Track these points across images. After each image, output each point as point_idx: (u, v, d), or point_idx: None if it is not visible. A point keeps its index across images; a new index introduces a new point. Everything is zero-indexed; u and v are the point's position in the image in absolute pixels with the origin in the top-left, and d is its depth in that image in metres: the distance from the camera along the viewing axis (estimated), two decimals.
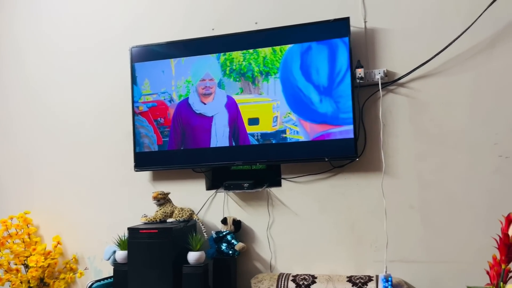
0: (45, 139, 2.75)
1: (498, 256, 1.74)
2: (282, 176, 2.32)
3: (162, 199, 2.29)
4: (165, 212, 2.27)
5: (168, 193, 2.32)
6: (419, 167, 2.11)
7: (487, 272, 1.78)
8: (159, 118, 2.45)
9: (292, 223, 2.29)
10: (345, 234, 2.21)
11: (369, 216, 2.17)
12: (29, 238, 2.59)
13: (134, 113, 2.48)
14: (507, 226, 1.72)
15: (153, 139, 2.45)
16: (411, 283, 2.08)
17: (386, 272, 2.06)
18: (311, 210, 2.26)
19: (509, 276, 1.71)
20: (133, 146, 2.47)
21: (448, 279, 2.03)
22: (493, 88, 2.03)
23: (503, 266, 1.72)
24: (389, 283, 1.96)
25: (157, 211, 2.28)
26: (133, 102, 2.49)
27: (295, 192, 2.30)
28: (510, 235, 1.70)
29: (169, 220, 2.26)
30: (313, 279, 2.12)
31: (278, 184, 2.34)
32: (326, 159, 2.17)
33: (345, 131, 2.14)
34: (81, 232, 2.63)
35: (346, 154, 2.14)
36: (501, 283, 1.69)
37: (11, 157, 2.82)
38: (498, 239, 1.73)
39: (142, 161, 2.46)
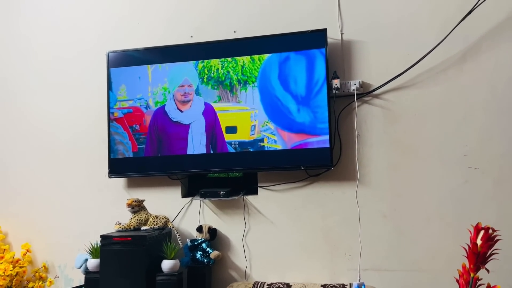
0: (17, 144, 2.68)
1: (467, 265, 1.79)
2: (259, 184, 2.33)
3: (137, 207, 2.26)
4: (139, 220, 2.23)
5: (143, 201, 2.29)
6: (392, 177, 2.16)
7: (457, 280, 1.83)
8: (134, 125, 2.42)
9: (268, 232, 2.29)
10: (320, 242, 2.22)
11: (344, 225, 2.20)
12: None
13: (109, 119, 2.44)
14: (476, 236, 1.77)
15: (128, 146, 2.42)
16: None
17: (359, 280, 2.09)
18: (287, 218, 2.28)
19: (477, 284, 1.76)
20: (108, 152, 2.43)
21: (419, 287, 2.07)
22: (463, 101, 2.10)
23: (471, 275, 1.77)
24: None
25: (131, 219, 2.24)
26: (108, 108, 2.45)
27: (271, 201, 2.30)
28: (478, 244, 1.75)
29: (144, 227, 2.22)
30: (288, 287, 2.12)
31: (255, 192, 2.34)
32: (302, 168, 2.19)
33: (322, 140, 2.16)
34: (51, 239, 2.56)
35: (321, 163, 2.17)
36: None
37: None
38: (467, 248, 1.78)
39: (117, 167, 2.43)
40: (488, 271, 1.75)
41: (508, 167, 2.02)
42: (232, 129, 2.31)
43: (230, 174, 2.48)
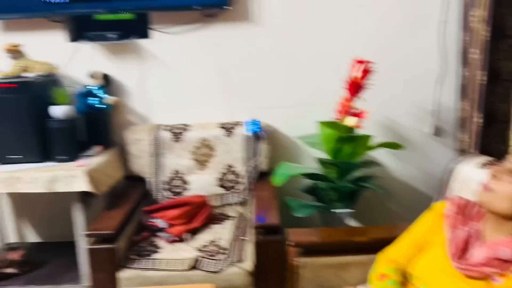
0: None
1: (347, 96, 1.99)
2: (152, 27, 2.21)
3: (16, 52, 2.05)
4: (22, 66, 2.05)
5: (19, 45, 2.06)
6: (286, 15, 2.18)
7: (337, 111, 2.05)
8: None
9: (165, 76, 2.27)
10: (217, 84, 2.28)
11: (239, 66, 2.24)
12: None
13: None
14: (356, 68, 1.94)
15: None
16: (275, 126, 2.30)
17: (253, 117, 2.24)
18: (184, 61, 2.25)
19: (351, 112, 1.99)
20: None
21: (306, 120, 2.26)
22: None
23: (349, 104, 1.98)
24: (257, 125, 2.15)
25: (14, 66, 2.05)
26: None
27: (167, 44, 2.23)
28: (356, 76, 1.93)
29: (28, 75, 2.06)
30: (187, 127, 2.21)
31: (148, 36, 2.23)
32: (195, 7, 2.09)
33: None
34: None
35: (216, 2, 2.08)
36: (344, 116, 1.97)
37: None
38: (348, 80, 1.96)
39: None
40: (362, 99, 1.98)
41: (391, 3, 2.13)
42: None
43: (119, 16, 2.29)
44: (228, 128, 2.20)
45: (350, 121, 1.87)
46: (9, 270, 2.08)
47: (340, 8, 2.15)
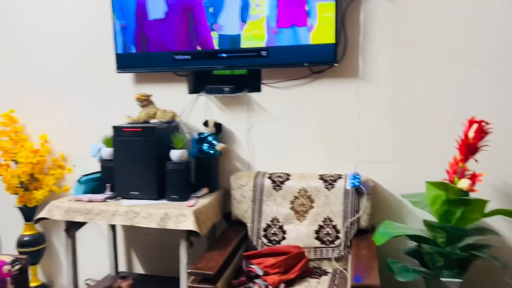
0: (25, 39, 2.71)
1: (458, 157, 1.90)
2: (262, 82, 2.37)
3: (145, 101, 2.34)
4: (148, 113, 2.33)
5: (150, 95, 2.36)
6: (395, 74, 2.18)
7: (446, 171, 1.95)
8: None
9: (271, 127, 2.39)
10: (320, 137, 2.33)
11: (344, 121, 2.28)
12: (16, 136, 2.66)
13: (113, 11, 2.42)
14: (469, 128, 1.85)
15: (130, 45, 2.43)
16: (377, 181, 2.26)
17: (355, 171, 2.23)
18: (289, 114, 2.36)
19: (465, 175, 1.88)
20: (114, 46, 2.45)
21: (411, 177, 2.20)
22: None
23: (460, 165, 1.88)
24: (357, 179, 2.13)
25: (140, 112, 2.34)
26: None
27: (274, 97, 2.36)
28: (470, 137, 1.84)
29: (152, 121, 2.33)
30: (288, 176, 2.28)
31: (258, 90, 2.39)
32: (306, 64, 2.21)
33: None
34: (66, 131, 2.71)
35: (325, 59, 2.18)
36: (456, 178, 1.86)
37: None
38: (460, 140, 1.88)
39: (124, 62, 2.47)
40: (476, 161, 1.86)
41: (508, 61, 2.02)
42: None
43: (234, 71, 2.51)
44: (328, 180, 2.21)
45: (463, 183, 1.77)
46: None
47: (453, 66, 2.10)
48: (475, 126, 1.82)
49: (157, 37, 2.38)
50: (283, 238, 2.21)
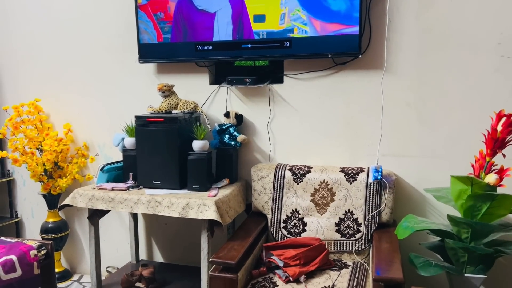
0: (50, 29, 2.75)
1: (485, 151, 1.86)
2: (285, 73, 2.36)
3: (167, 91, 2.35)
4: (170, 104, 2.35)
5: (172, 86, 2.38)
6: (420, 65, 2.14)
7: (472, 166, 1.91)
8: (158, 13, 2.41)
9: (292, 119, 2.38)
10: (342, 129, 2.31)
11: (367, 113, 2.25)
12: (41, 124, 2.71)
13: (137, 4, 2.44)
14: (497, 122, 1.81)
15: (153, 36, 2.43)
16: (400, 175, 2.23)
17: (377, 164, 2.21)
18: (311, 106, 2.34)
19: (492, 169, 1.84)
20: (137, 37, 2.47)
21: (435, 172, 2.17)
22: None
23: (487, 159, 1.84)
24: (379, 173, 2.10)
25: (162, 102, 2.36)
26: None
27: (297, 89, 2.35)
28: (498, 130, 1.79)
29: (174, 111, 2.35)
30: (309, 169, 2.27)
31: (280, 81, 2.38)
32: (329, 55, 2.18)
33: (356, 30, 2.11)
34: (89, 121, 2.75)
35: (349, 50, 2.15)
36: (483, 173, 1.83)
37: (19, 46, 2.84)
38: (486, 134, 1.83)
39: (147, 53, 2.48)
40: (504, 156, 1.82)
41: None
42: (260, 18, 2.27)
43: (256, 62, 2.50)
44: (350, 173, 2.19)
45: (490, 178, 1.73)
46: (139, 285, 2.31)
47: (480, 58, 2.04)
48: (503, 119, 1.78)
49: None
50: (303, 230, 2.21)
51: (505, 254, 1.78)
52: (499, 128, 1.79)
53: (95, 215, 2.28)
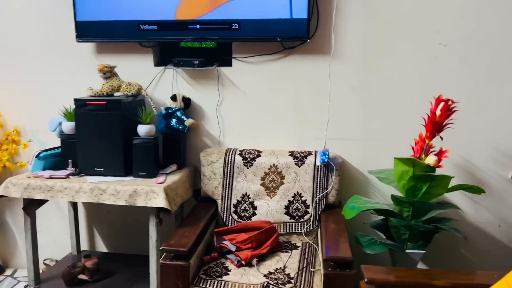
0: None
1: (424, 134, 1.96)
2: (233, 56, 2.32)
3: (109, 72, 2.21)
4: (112, 86, 2.21)
5: (114, 67, 2.24)
6: (365, 52, 2.20)
7: (412, 148, 2.02)
8: None
9: (241, 102, 2.35)
10: (290, 113, 2.33)
11: (314, 97, 2.28)
12: None
13: None
14: (436, 106, 1.91)
15: (92, 12, 2.27)
16: (345, 158, 2.30)
17: (324, 147, 2.26)
18: (260, 90, 2.33)
19: (430, 150, 1.96)
20: (73, 13, 2.28)
21: (378, 154, 2.26)
22: None
23: (427, 142, 1.95)
24: (326, 156, 2.16)
25: (103, 84, 2.21)
26: None
27: (246, 72, 2.32)
28: (437, 114, 1.90)
29: (116, 94, 2.22)
30: (258, 153, 2.27)
31: (229, 64, 2.33)
32: (278, 39, 2.17)
33: (300, 11, 2.11)
34: (21, 104, 2.52)
35: (298, 34, 2.16)
36: (423, 155, 1.93)
37: None
38: (426, 118, 1.94)
39: (85, 31, 2.31)
40: (441, 138, 1.94)
41: (475, 44, 2.10)
42: None
43: (203, 44, 2.42)
44: (298, 157, 2.22)
45: (430, 159, 1.84)
46: (82, 277, 2.19)
47: (420, 45, 2.14)
48: (441, 104, 1.89)
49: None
50: (254, 214, 2.22)
51: (442, 230, 1.92)
52: (438, 112, 1.90)
53: (32, 206, 2.11)
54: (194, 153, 2.40)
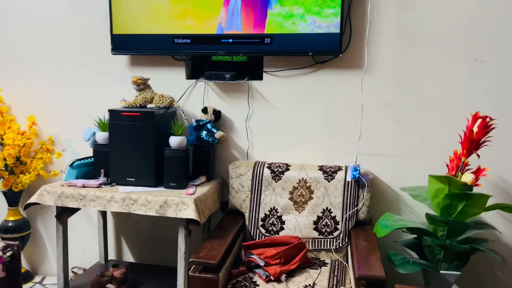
0: (16, 16, 2.56)
1: (459, 151, 1.91)
2: (264, 70, 2.33)
3: (142, 85, 2.26)
4: (145, 98, 2.25)
5: (147, 79, 2.28)
6: (397, 66, 2.17)
7: (447, 165, 1.97)
8: None
9: (271, 116, 2.36)
10: (321, 128, 2.31)
11: (345, 112, 2.26)
12: (2, 116, 2.53)
13: None
14: (473, 123, 1.86)
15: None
16: (376, 174, 2.26)
17: (355, 162, 2.23)
18: (290, 103, 2.33)
19: (466, 168, 1.90)
20: (110, 27, 2.35)
21: (410, 171, 2.22)
22: None
23: (463, 159, 1.90)
24: (357, 171, 2.12)
25: (137, 96, 2.26)
26: None
27: (276, 86, 2.33)
28: (474, 131, 1.85)
29: (149, 105, 2.26)
30: (287, 167, 2.25)
31: (260, 78, 2.35)
32: (310, 54, 2.18)
33: (332, 25, 2.11)
34: (56, 114, 2.60)
35: (330, 49, 2.15)
36: (459, 173, 1.88)
37: None
38: (462, 135, 1.89)
39: (120, 44, 2.37)
40: (478, 156, 1.88)
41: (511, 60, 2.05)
42: None
43: (235, 58, 2.45)
44: (328, 172, 2.20)
45: (467, 177, 1.79)
46: (110, 286, 2.21)
47: (455, 61, 2.11)
48: (479, 121, 1.84)
49: None
50: (282, 228, 2.20)
51: (479, 251, 1.85)
52: (475, 129, 1.85)
53: (64, 214, 2.15)
54: (223, 165, 2.40)
